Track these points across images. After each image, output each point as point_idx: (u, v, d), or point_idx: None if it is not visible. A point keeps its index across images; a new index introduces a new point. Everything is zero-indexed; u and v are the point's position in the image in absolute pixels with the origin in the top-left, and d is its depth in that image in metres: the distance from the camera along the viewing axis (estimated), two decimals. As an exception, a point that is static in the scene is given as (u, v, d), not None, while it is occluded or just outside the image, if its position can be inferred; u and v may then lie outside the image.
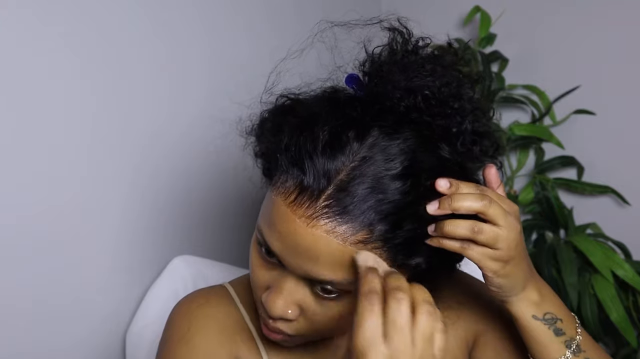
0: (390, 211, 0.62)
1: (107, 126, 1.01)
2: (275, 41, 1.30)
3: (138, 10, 1.03)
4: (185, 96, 1.14)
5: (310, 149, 0.62)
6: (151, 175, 1.09)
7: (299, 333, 0.68)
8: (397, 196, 0.62)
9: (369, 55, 0.69)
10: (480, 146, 0.68)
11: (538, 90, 1.52)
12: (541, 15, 1.54)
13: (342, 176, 0.61)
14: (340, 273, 0.62)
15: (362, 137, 0.63)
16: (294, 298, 0.66)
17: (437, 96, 0.66)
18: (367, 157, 0.62)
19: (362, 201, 0.61)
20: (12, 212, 0.89)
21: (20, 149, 0.89)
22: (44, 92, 0.91)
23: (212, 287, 0.82)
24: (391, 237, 0.63)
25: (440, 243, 0.65)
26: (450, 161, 0.66)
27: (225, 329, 0.77)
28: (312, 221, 0.61)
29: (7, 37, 0.85)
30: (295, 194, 0.62)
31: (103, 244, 1.02)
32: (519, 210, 0.69)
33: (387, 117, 0.65)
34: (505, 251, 0.65)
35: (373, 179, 0.62)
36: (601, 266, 1.36)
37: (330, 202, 0.61)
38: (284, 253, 0.64)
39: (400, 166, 0.62)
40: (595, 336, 1.37)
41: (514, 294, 0.69)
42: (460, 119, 0.66)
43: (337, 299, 0.65)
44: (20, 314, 0.91)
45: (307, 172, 0.62)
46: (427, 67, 0.66)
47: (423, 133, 0.65)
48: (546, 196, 1.49)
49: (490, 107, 0.72)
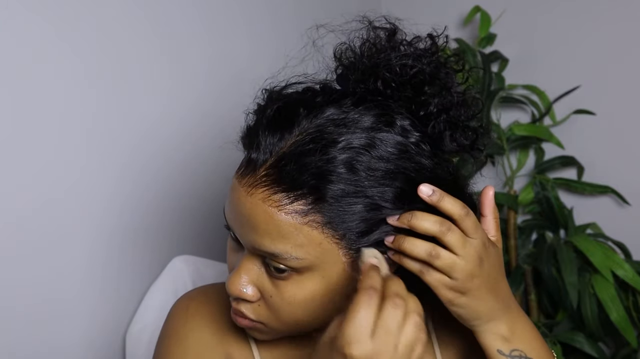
0: (333, 185, 0.63)
1: (108, 126, 1.01)
2: (275, 41, 1.31)
3: (135, 8, 1.03)
4: (186, 95, 1.14)
5: (260, 127, 0.66)
6: (151, 174, 1.09)
7: (261, 318, 0.69)
8: (341, 170, 0.63)
9: (351, 49, 0.70)
10: (454, 135, 0.68)
11: (538, 90, 1.52)
12: (541, 15, 1.54)
13: (285, 149, 0.64)
14: (281, 244, 0.64)
15: (314, 116, 0.65)
16: (250, 278, 0.68)
17: (399, 79, 0.67)
18: (313, 134, 0.64)
19: (300, 171, 0.63)
20: (12, 212, 0.89)
21: (20, 149, 0.89)
22: (41, 93, 0.91)
23: (213, 284, 0.83)
24: (333, 213, 0.63)
25: (401, 261, 0.65)
26: (413, 145, 0.66)
27: (219, 329, 0.78)
28: (251, 189, 0.65)
29: (1, 36, 0.85)
30: (243, 167, 0.67)
31: (103, 243, 1.02)
32: (499, 245, 0.69)
33: (347, 100, 0.67)
34: (461, 281, 0.65)
35: (315, 153, 0.63)
36: (601, 266, 1.36)
37: (268, 171, 0.64)
38: (233, 224, 0.68)
39: (346, 143, 0.63)
40: (595, 336, 1.37)
41: (477, 325, 0.69)
42: (431, 104, 0.67)
43: (288, 280, 0.66)
44: (20, 314, 0.91)
45: (254, 146, 0.66)
46: (392, 54, 0.68)
47: (384, 115, 0.66)
48: (546, 196, 1.49)
49: (479, 100, 0.72)
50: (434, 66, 0.68)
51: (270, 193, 0.64)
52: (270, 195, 0.64)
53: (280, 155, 0.64)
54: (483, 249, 0.66)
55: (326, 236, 0.64)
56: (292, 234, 0.64)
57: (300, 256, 0.64)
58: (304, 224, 0.64)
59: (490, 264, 0.67)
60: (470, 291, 0.66)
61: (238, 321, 0.72)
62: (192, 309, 0.78)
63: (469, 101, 0.70)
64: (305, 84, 0.71)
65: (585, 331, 1.37)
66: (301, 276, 0.66)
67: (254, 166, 0.65)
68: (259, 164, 0.65)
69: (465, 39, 1.56)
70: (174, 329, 0.78)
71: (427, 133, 0.67)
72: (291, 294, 0.66)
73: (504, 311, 0.69)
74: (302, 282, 0.66)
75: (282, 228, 0.64)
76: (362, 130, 0.64)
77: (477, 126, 0.70)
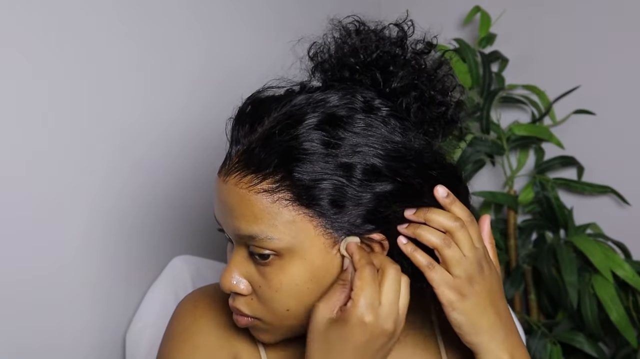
0: (299, 163, 0.65)
1: (107, 125, 1.01)
2: (274, 41, 1.30)
3: (124, 6, 1.03)
4: (187, 94, 1.14)
5: (235, 123, 0.71)
6: (151, 174, 1.09)
7: (256, 313, 0.71)
8: (306, 146, 0.65)
9: (324, 46, 0.74)
10: (423, 107, 0.70)
11: (538, 90, 1.52)
12: (541, 15, 1.54)
13: (255, 137, 0.68)
14: (256, 226, 0.66)
15: (283, 106, 0.69)
16: (240, 270, 0.70)
17: (362, 62, 0.70)
18: (280, 118, 0.68)
19: (267, 152, 0.66)
20: (12, 211, 0.89)
21: (19, 149, 0.89)
22: (41, 93, 0.91)
23: (216, 288, 0.83)
24: (301, 190, 0.65)
25: (412, 253, 0.67)
26: (380, 120, 0.68)
27: (226, 329, 0.78)
28: (226, 177, 0.69)
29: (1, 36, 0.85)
30: (223, 162, 0.71)
31: (103, 243, 1.02)
32: (497, 270, 0.72)
33: (316, 89, 0.71)
34: (462, 281, 0.66)
35: (281, 134, 0.66)
36: (601, 266, 1.36)
37: (240, 157, 0.68)
38: (218, 215, 0.72)
39: (310, 121, 0.66)
40: (595, 336, 1.37)
41: (478, 344, 0.69)
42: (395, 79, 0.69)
43: (273, 266, 0.68)
44: (19, 314, 0.91)
45: (232, 141, 0.71)
46: (357, 43, 0.71)
47: (348, 93, 0.69)
48: (546, 196, 1.49)
49: (452, 77, 0.74)
50: (399, 47, 0.71)
51: (241, 176, 0.67)
52: (242, 178, 0.67)
53: (250, 142, 0.68)
54: (484, 259, 0.69)
55: (298, 213, 0.66)
56: (265, 214, 0.66)
57: (276, 236, 0.66)
58: (273, 202, 0.66)
59: (491, 279, 0.69)
60: (470, 296, 0.67)
61: (238, 320, 0.73)
62: (198, 310, 0.79)
63: (442, 77, 0.72)
64: (285, 88, 0.74)
65: (585, 331, 1.37)
66: (283, 260, 0.67)
67: (229, 157, 0.70)
68: (233, 154, 0.69)
69: (465, 39, 1.56)
70: (182, 329, 0.78)
71: (396, 109, 0.69)
72: (277, 281, 0.68)
73: (506, 334, 0.70)
74: (285, 267, 0.68)
75: (255, 208, 0.66)
76: (326, 108, 0.67)
77: (447, 100, 0.72)
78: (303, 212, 0.66)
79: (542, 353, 1.37)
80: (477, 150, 1.47)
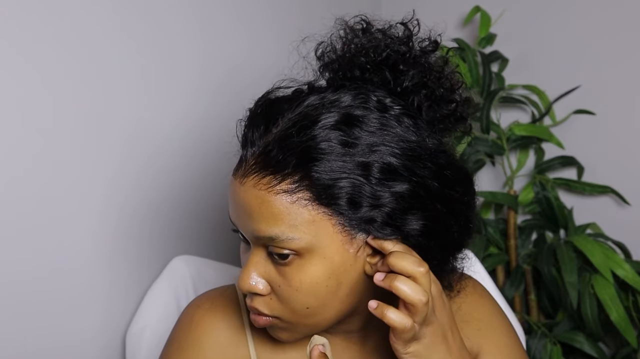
0: (317, 162, 0.66)
1: (107, 125, 1.01)
2: (274, 41, 1.31)
3: (124, 6, 1.03)
4: (188, 95, 1.14)
5: (248, 126, 0.71)
6: (151, 174, 1.09)
7: (275, 312, 0.71)
8: (323, 146, 0.66)
9: (331, 45, 0.74)
10: (433, 106, 0.71)
11: (538, 90, 1.52)
12: (541, 15, 1.54)
13: (271, 138, 0.68)
14: (276, 227, 0.66)
15: (296, 106, 0.69)
16: (259, 271, 0.70)
17: (373, 62, 0.71)
18: (295, 119, 0.68)
19: (284, 153, 0.66)
20: (12, 211, 0.89)
21: (19, 149, 0.89)
22: (40, 93, 0.91)
23: (224, 288, 0.84)
24: (320, 189, 0.66)
25: (390, 284, 0.65)
26: (394, 119, 0.69)
27: (222, 341, 0.79)
28: (244, 179, 0.68)
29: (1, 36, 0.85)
30: (237, 165, 0.71)
31: (103, 244, 1.02)
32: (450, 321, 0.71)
33: (327, 89, 0.71)
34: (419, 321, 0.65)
35: (297, 135, 0.66)
36: (601, 266, 1.36)
37: (257, 159, 0.68)
38: (234, 218, 0.71)
39: (326, 121, 0.67)
40: (595, 336, 1.37)
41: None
42: (406, 79, 0.70)
43: (292, 265, 0.68)
44: (20, 314, 0.91)
45: (246, 145, 0.70)
46: (365, 42, 0.72)
47: (361, 93, 0.69)
48: (546, 196, 1.49)
49: (458, 74, 0.75)
50: (407, 46, 0.72)
51: (259, 178, 0.67)
52: (260, 179, 0.67)
53: (266, 144, 0.68)
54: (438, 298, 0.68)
55: (317, 212, 0.66)
56: (285, 215, 0.66)
57: (297, 236, 0.66)
58: (293, 202, 0.66)
59: (442, 314, 0.68)
60: (424, 338, 0.67)
61: (256, 320, 0.72)
62: (197, 319, 0.79)
63: (449, 75, 0.73)
64: (292, 88, 0.74)
65: (585, 331, 1.38)
66: (303, 259, 0.67)
67: (245, 160, 0.70)
68: (249, 156, 0.69)
69: (465, 39, 1.56)
70: (177, 340, 0.79)
71: (408, 107, 0.70)
72: (297, 280, 0.68)
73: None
74: (305, 266, 0.68)
75: (275, 209, 0.66)
76: (341, 108, 0.68)
77: (455, 97, 0.73)
78: (322, 211, 0.66)
79: (542, 353, 1.37)
80: (477, 150, 1.47)
